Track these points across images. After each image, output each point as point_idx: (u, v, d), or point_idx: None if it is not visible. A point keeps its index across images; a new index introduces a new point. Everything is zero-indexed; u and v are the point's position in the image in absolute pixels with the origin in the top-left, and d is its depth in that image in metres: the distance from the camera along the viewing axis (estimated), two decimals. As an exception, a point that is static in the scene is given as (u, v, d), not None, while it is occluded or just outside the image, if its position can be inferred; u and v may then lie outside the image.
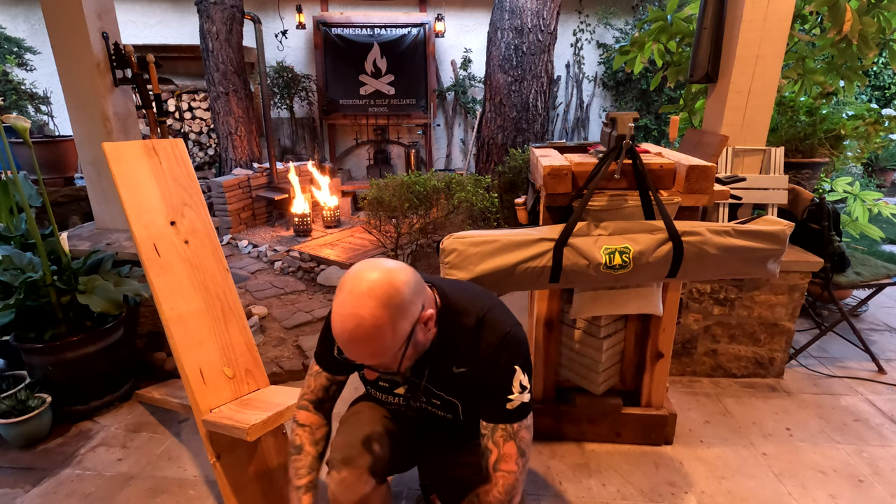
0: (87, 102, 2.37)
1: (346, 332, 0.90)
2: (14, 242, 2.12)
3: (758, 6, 2.13)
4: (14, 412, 1.92)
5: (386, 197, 3.02)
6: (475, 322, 1.08)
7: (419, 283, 0.98)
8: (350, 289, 0.91)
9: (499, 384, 1.07)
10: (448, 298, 1.09)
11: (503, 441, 1.09)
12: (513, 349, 1.08)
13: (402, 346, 0.95)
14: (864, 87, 5.60)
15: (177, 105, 5.49)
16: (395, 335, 0.92)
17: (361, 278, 0.92)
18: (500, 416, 1.08)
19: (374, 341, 0.91)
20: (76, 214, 3.57)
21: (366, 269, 0.93)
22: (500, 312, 1.11)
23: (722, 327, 2.34)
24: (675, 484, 1.76)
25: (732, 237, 1.42)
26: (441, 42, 6.12)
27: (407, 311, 0.93)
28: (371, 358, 0.95)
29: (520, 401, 1.07)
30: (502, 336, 1.07)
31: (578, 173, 1.58)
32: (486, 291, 1.18)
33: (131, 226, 1.64)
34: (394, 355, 0.95)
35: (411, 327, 0.95)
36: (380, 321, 0.89)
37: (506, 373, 1.07)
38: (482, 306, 1.10)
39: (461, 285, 1.17)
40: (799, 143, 2.58)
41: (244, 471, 1.64)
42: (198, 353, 1.62)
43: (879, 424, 2.06)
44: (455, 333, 1.08)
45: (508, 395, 1.07)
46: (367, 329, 0.89)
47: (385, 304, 0.90)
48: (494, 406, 1.08)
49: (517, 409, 1.08)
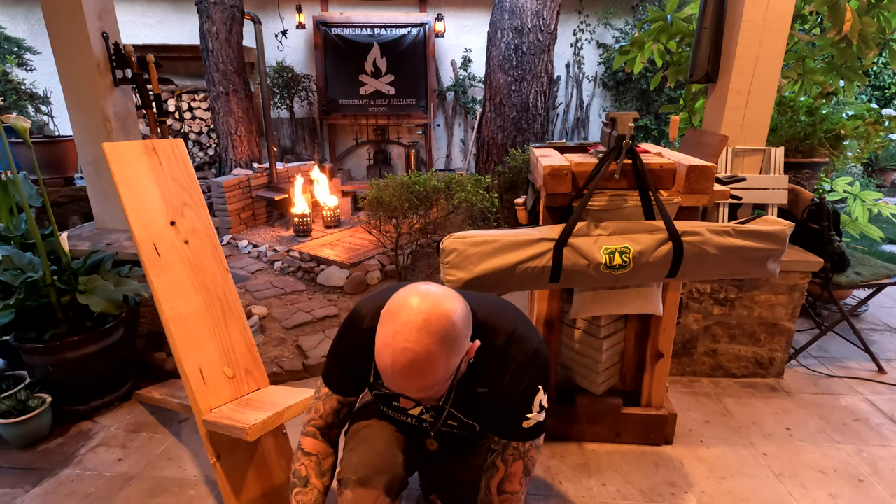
0: (87, 102, 2.37)
1: (399, 366, 0.85)
2: (14, 242, 2.12)
3: (758, 6, 2.13)
4: (14, 412, 1.92)
5: (386, 197, 3.02)
6: (504, 340, 1.04)
7: (469, 314, 0.94)
8: (404, 320, 0.85)
9: (520, 403, 1.05)
10: (478, 318, 1.03)
11: (512, 460, 1.07)
12: (539, 368, 1.05)
13: (451, 379, 0.93)
14: (864, 87, 5.61)
15: (177, 105, 5.49)
16: (447, 371, 0.89)
17: (416, 309, 0.86)
18: (515, 433, 1.06)
19: (426, 377, 0.87)
20: (76, 214, 3.57)
21: (419, 299, 0.88)
22: (526, 328, 1.08)
23: (722, 327, 2.34)
24: (675, 484, 1.76)
25: (732, 237, 1.42)
26: (441, 42, 6.12)
27: (461, 347, 0.90)
28: (419, 392, 0.91)
29: (536, 420, 1.05)
30: (531, 354, 1.04)
31: (578, 173, 1.58)
32: (510, 305, 1.14)
33: (131, 226, 1.64)
34: (440, 388, 0.92)
35: (461, 361, 0.93)
36: (435, 357, 0.86)
37: (529, 392, 1.04)
38: (510, 322, 1.06)
39: (486, 300, 1.12)
40: (799, 143, 2.58)
41: (244, 471, 1.64)
42: (198, 353, 1.62)
43: (879, 424, 2.06)
44: (485, 353, 1.04)
45: (527, 414, 1.05)
46: (421, 365, 0.85)
47: (442, 339, 0.86)
48: (511, 423, 1.06)
49: (532, 428, 1.06)
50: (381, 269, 3.55)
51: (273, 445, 1.74)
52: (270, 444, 1.73)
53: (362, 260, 3.60)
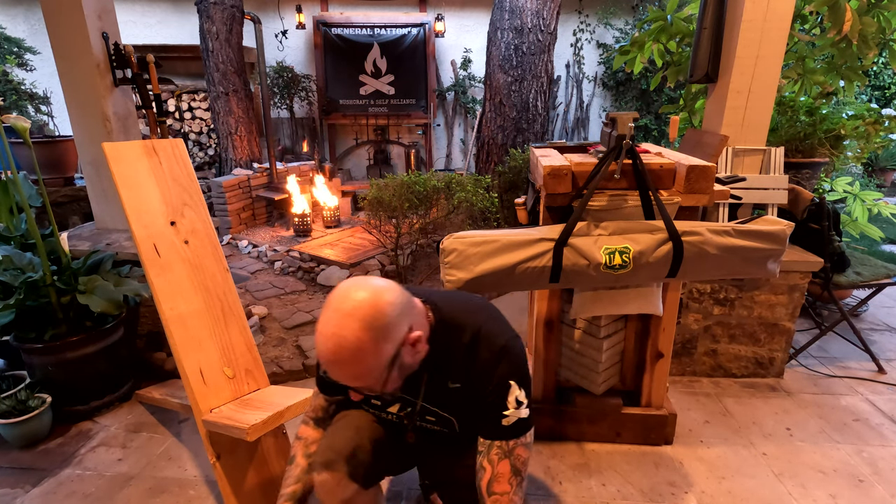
0: (87, 102, 2.37)
1: (328, 352, 0.89)
2: (14, 242, 2.12)
3: (758, 6, 2.13)
4: (14, 412, 1.92)
5: (386, 197, 3.02)
6: (470, 337, 1.05)
7: (407, 303, 0.95)
8: (335, 307, 0.89)
9: (493, 400, 1.05)
10: (442, 313, 1.06)
11: (497, 459, 1.06)
12: (508, 364, 1.05)
13: (386, 368, 0.93)
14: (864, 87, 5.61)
15: (177, 105, 5.49)
16: (377, 358, 0.90)
17: (346, 297, 0.90)
18: (496, 432, 1.06)
19: (355, 363, 0.89)
20: (76, 214, 3.57)
21: (352, 288, 0.91)
22: (496, 325, 1.09)
23: (722, 327, 2.34)
24: (675, 484, 1.76)
25: (732, 237, 1.42)
26: (441, 42, 6.12)
27: (391, 333, 0.91)
28: (353, 380, 0.93)
29: (516, 417, 1.05)
30: (497, 350, 1.05)
31: (578, 173, 1.58)
32: (483, 302, 1.15)
33: (131, 226, 1.64)
34: (377, 378, 0.93)
35: (395, 350, 0.92)
36: (362, 343, 0.87)
37: (500, 388, 1.04)
38: (477, 320, 1.07)
39: (456, 298, 1.14)
40: (799, 143, 2.58)
41: (244, 471, 1.64)
42: (198, 353, 1.62)
43: (879, 424, 2.06)
44: (450, 349, 1.05)
45: (503, 412, 1.04)
46: (349, 350, 0.88)
47: (368, 325, 0.87)
48: (490, 422, 1.06)
49: (513, 425, 1.05)
50: (381, 269, 3.55)
51: (273, 445, 1.74)
52: (270, 444, 1.73)
53: (362, 260, 3.60)
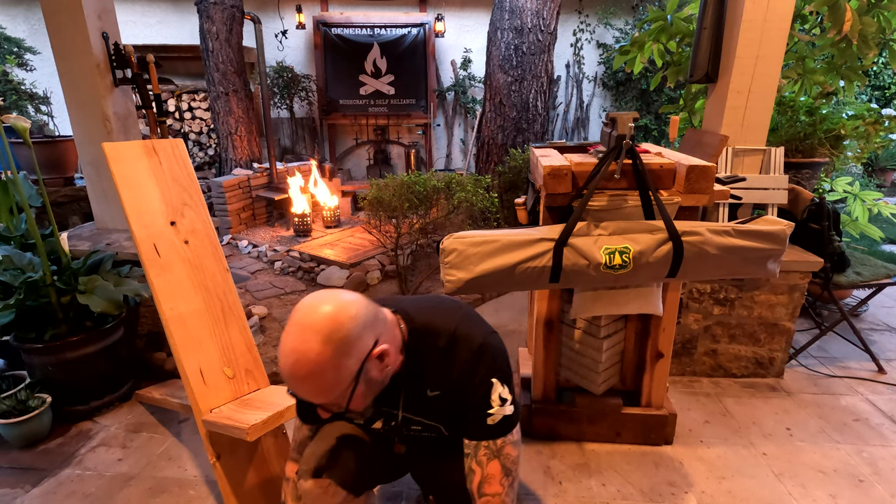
0: (87, 102, 2.37)
1: (288, 367, 0.86)
2: (14, 242, 2.12)
3: (758, 6, 2.13)
4: (14, 412, 1.92)
5: (386, 197, 3.01)
6: (447, 341, 1.03)
7: (371, 316, 0.92)
8: (295, 321, 0.87)
9: (477, 399, 1.03)
10: (415, 322, 1.04)
11: (486, 460, 1.04)
12: (488, 361, 1.03)
13: (350, 384, 0.90)
14: (864, 87, 5.61)
15: (177, 105, 5.49)
16: (338, 372, 0.87)
17: (307, 312, 0.87)
18: (482, 432, 1.04)
19: (316, 378, 0.86)
20: (76, 214, 3.57)
21: (313, 302, 0.88)
22: (471, 324, 1.06)
23: (722, 327, 2.34)
24: (675, 484, 1.76)
25: (732, 237, 1.41)
26: (441, 42, 6.12)
27: (352, 348, 0.88)
28: (316, 396, 0.90)
29: (501, 414, 1.03)
30: (476, 349, 1.03)
31: (578, 173, 1.58)
32: (455, 303, 1.13)
33: (131, 226, 1.64)
34: (340, 393, 0.90)
35: (359, 365, 0.89)
36: (321, 358, 0.85)
37: (483, 386, 1.03)
38: (451, 322, 1.05)
39: (427, 303, 1.12)
40: (799, 143, 2.58)
41: (244, 471, 1.64)
42: (198, 353, 1.62)
43: (879, 424, 2.06)
44: (426, 357, 1.03)
45: (488, 410, 1.03)
46: (309, 366, 0.85)
47: (327, 339, 0.85)
48: (475, 422, 1.04)
49: (499, 423, 1.03)
50: (381, 269, 3.55)
51: (273, 445, 1.74)
52: (270, 444, 1.73)
53: (362, 260, 3.60)
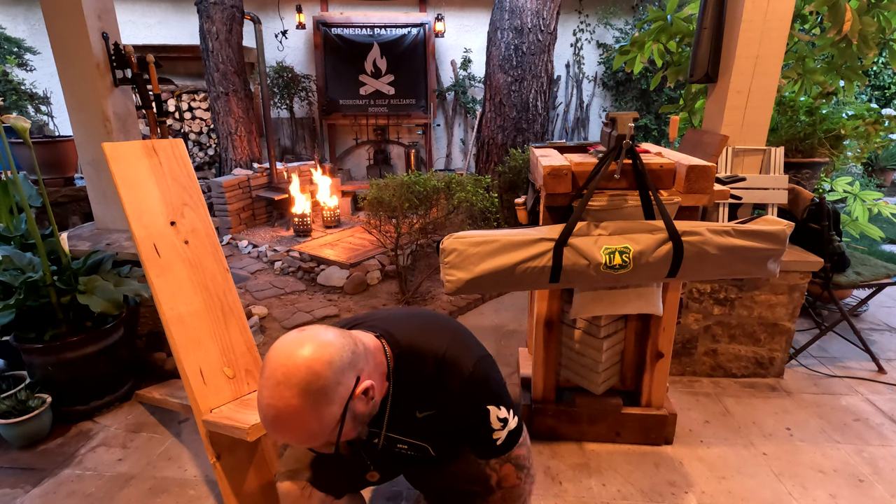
0: (87, 102, 2.37)
1: (268, 421, 0.83)
2: (14, 242, 2.12)
3: (758, 6, 2.13)
4: (14, 412, 1.92)
5: (386, 197, 3.01)
6: (434, 366, 1.00)
7: (348, 354, 0.87)
8: (267, 375, 0.82)
9: (478, 428, 1.05)
10: (400, 346, 1.00)
11: (500, 465, 1.11)
12: (479, 390, 1.02)
13: (335, 427, 0.87)
14: (864, 87, 5.61)
15: (177, 105, 5.49)
16: (321, 421, 0.84)
17: (280, 362, 0.82)
18: (492, 452, 1.09)
19: (298, 430, 0.83)
20: (76, 214, 3.57)
21: (286, 350, 0.83)
22: (459, 349, 1.03)
23: (722, 327, 2.34)
24: (675, 484, 1.76)
25: (732, 237, 1.41)
26: (441, 42, 6.12)
27: (333, 394, 0.83)
28: (302, 444, 0.88)
29: (506, 432, 1.06)
30: (466, 378, 1.00)
31: (578, 173, 1.58)
32: (443, 322, 1.10)
33: (131, 226, 1.64)
34: (326, 437, 0.87)
35: (342, 408, 0.86)
36: (300, 411, 0.81)
37: (479, 415, 1.03)
38: (439, 346, 1.01)
39: (414, 322, 1.07)
40: (799, 142, 2.58)
41: (244, 471, 1.64)
42: (198, 353, 1.62)
43: (879, 424, 2.06)
44: (414, 379, 1.00)
45: (492, 435, 1.05)
46: (288, 420, 0.81)
47: (303, 391, 0.80)
48: (482, 444, 1.08)
49: (506, 440, 1.07)
50: (381, 269, 3.55)
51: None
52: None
53: (362, 260, 3.60)
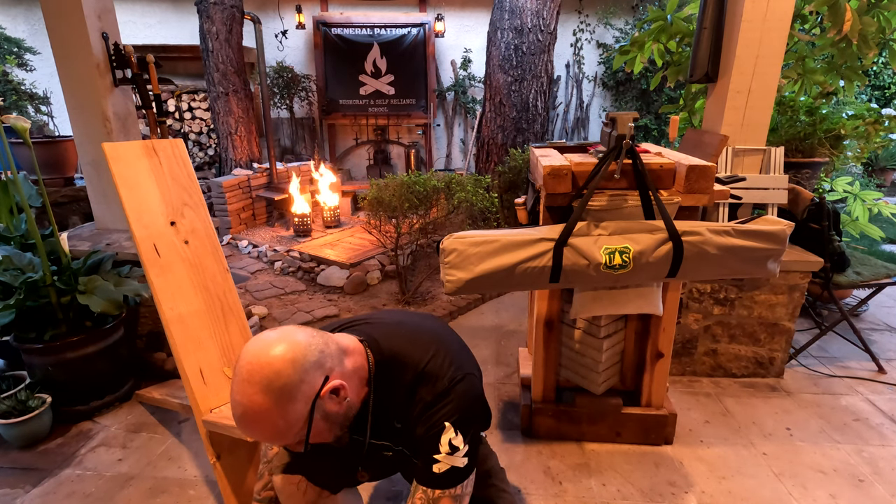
0: (87, 102, 2.37)
1: (236, 418, 0.86)
2: (14, 242, 2.12)
3: (758, 6, 2.13)
4: (14, 412, 1.92)
5: (386, 197, 3.01)
6: (412, 378, 0.99)
7: (314, 354, 0.87)
8: (236, 372, 0.85)
9: (426, 442, 0.97)
10: (382, 352, 1.00)
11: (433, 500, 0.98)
12: (446, 406, 0.96)
13: (303, 425, 0.88)
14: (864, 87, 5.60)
15: (177, 105, 5.49)
16: (286, 418, 0.85)
17: (247, 360, 0.85)
18: (425, 477, 0.98)
19: (265, 427, 0.85)
20: (76, 214, 3.57)
21: (253, 349, 0.86)
22: (441, 362, 1.00)
23: (722, 327, 2.34)
24: (675, 484, 1.76)
25: (732, 237, 1.41)
26: (441, 42, 6.12)
27: (296, 392, 0.85)
28: (271, 441, 0.89)
29: (449, 465, 0.96)
30: (440, 391, 0.97)
31: (578, 173, 1.58)
32: (433, 333, 1.07)
33: (131, 226, 1.64)
34: (295, 435, 0.88)
35: (309, 406, 0.87)
36: (264, 408, 0.83)
37: (434, 428, 0.96)
38: (421, 357, 1.00)
39: (402, 330, 1.06)
40: (799, 142, 2.58)
41: (244, 471, 1.64)
42: (198, 354, 1.62)
43: (879, 424, 2.06)
44: (393, 388, 1.00)
45: (435, 455, 0.96)
46: (254, 416, 0.84)
47: (265, 389, 0.83)
48: (421, 465, 0.98)
49: (444, 474, 0.96)
50: (381, 269, 3.55)
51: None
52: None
53: (362, 260, 3.60)
